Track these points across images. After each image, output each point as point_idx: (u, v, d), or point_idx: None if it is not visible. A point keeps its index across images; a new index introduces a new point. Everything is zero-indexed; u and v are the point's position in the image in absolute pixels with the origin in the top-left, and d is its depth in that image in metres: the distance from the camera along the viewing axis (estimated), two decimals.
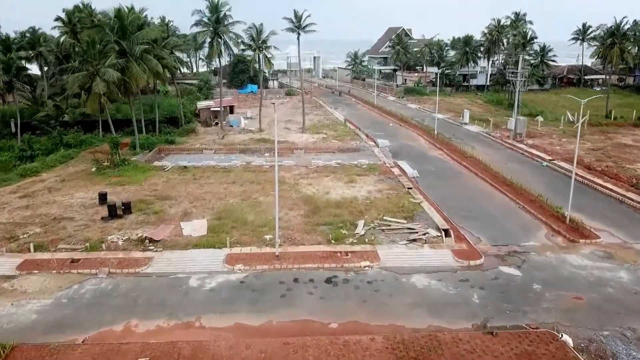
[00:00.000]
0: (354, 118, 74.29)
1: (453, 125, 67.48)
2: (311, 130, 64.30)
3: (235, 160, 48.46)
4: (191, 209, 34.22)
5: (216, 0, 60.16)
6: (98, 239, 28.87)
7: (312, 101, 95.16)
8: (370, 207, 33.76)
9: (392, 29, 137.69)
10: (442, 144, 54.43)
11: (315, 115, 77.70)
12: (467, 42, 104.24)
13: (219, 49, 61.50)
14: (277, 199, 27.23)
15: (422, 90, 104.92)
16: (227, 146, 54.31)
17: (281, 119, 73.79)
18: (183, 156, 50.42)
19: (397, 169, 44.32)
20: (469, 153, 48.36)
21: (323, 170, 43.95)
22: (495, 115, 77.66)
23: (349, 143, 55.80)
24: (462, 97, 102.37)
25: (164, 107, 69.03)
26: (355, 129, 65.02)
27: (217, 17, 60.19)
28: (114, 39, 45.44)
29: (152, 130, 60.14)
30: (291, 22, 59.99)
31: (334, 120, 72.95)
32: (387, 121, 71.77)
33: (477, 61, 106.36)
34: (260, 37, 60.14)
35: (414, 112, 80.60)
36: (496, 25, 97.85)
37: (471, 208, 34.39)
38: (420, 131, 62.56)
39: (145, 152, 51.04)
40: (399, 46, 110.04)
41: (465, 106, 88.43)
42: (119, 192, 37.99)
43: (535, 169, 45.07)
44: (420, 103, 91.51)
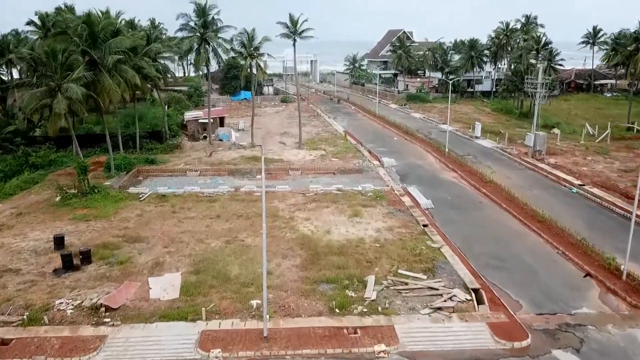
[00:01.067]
0: (354, 130, 68.57)
1: (463, 139, 61.82)
2: (308, 145, 58.52)
3: (223, 185, 42.64)
4: (164, 256, 28.39)
5: (203, 3, 54.47)
6: (42, 304, 23.00)
7: (309, 109, 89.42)
8: (381, 254, 28.02)
9: (392, 32, 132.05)
10: (455, 163, 48.74)
11: (313, 126, 71.92)
12: (472, 46, 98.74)
13: (207, 56, 55.71)
14: (265, 265, 21.38)
15: (425, 97, 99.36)
16: (215, 166, 48.48)
17: (275, 132, 68.05)
18: (164, 180, 44.56)
19: (408, 197, 38.59)
20: (488, 176, 42.63)
21: (322, 199, 38.19)
22: (507, 126, 72.10)
23: (350, 162, 50.06)
24: (467, 104, 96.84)
25: (148, 119, 63.17)
26: (356, 143, 59.29)
27: (205, 22, 54.43)
28: (82, 48, 39.53)
29: (132, 147, 54.30)
30: (286, 27, 54.21)
31: (333, 132, 67.22)
32: (390, 134, 66.03)
33: (482, 66, 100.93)
34: (252, 44, 54.33)
35: (418, 122, 74.91)
36: (504, 28, 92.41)
37: (501, 255, 28.68)
38: (429, 147, 56.85)
39: (121, 175, 45.16)
40: (400, 50, 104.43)
41: (473, 115, 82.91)
42: (82, 231, 32.12)
43: (565, 197, 39.40)
44: (425, 111, 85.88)
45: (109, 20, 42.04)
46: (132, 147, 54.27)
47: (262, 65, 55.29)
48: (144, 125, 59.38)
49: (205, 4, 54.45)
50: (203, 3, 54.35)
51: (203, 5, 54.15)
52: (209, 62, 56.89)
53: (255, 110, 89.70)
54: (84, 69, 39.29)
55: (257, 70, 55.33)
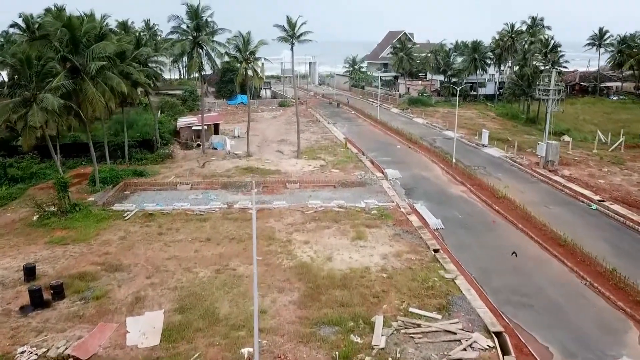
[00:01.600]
0: (355, 137, 65.62)
1: (470, 148, 58.90)
2: (307, 154, 55.54)
3: (215, 200, 39.65)
4: (147, 289, 25.39)
5: (196, 5, 51.52)
6: (2, 354, 20.04)
7: (308, 114, 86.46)
8: (389, 287, 25.06)
9: (393, 33, 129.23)
10: (463, 175, 45.80)
11: (312, 133, 68.95)
12: (475, 48, 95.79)
13: (200, 61, 52.75)
14: (257, 310, 18.42)
15: (427, 100, 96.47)
16: (207, 179, 45.47)
17: (273, 139, 65.08)
18: (152, 194, 41.55)
19: (415, 215, 35.63)
20: (500, 192, 39.67)
21: (322, 218, 35.22)
22: (514, 133, 69.26)
23: (352, 173, 47.10)
24: (470, 108, 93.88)
25: (139, 126, 60.11)
26: (358, 152, 56.34)
27: (197, 25, 51.49)
28: (62, 55, 36.50)
29: (121, 157, 51.27)
30: (283, 30, 51.22)
31: (332, 139, 64.25)
32: (393, 141, 63.06)
33: (486, 69, 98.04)
34: (247, 48, 51.35)
35: (422, 128, 71.98)
36: (509, 30, 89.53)
37: (523, 288, 25.72)
38: (434, 156, 53.88)
39: (107, 189, 42.16)
40: (402, 52, 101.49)
41: (477, 120, 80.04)
42: (58, 257, 29.12)
43: (585, 215, 36.47)
44: (427, 116, 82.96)
45: (92, 24, 39.01)
46: (120, 157, 51.27)
47: (258, 70, 52.28)
48: (134, 134, 56.35)
49: (198, 5, 51.60)
50: (196, 4, 51.53)
51: (196, 7, 51.25)
52: (202, 66, 53.93)
53: (252, 115, 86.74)
54: (65, 77, 36.30)
55: (253, 76, 52.31)
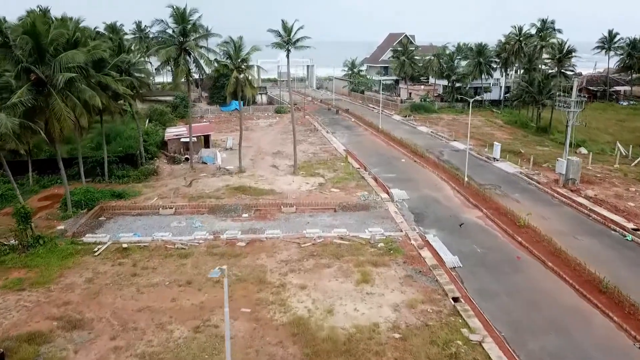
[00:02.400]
0: (356, 149, 61.20)
1: (480, 162, 54.51)
2: (305, 169, 51.08)
3: (200, 229, 35.14)
4: (109, 355, 20.90)
5: (182, 7, 47.03)
6: None
7: (306, 122, 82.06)
8: (404, 354, 20.61)
9: (394, 35, 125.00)
10: (477, 197, 41.36)
11: (310, 144, 64.50)
12: (480, 51, 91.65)
13: (187, 69, 48.26)
14: None
15: (430, 107, 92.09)
16: (194, 201, 40.97)
17: (268, 151, 60.59)
18: (130, 221, 37.04)
19: (428, 249, 31.21)
20: (521, 219, 35.21)
21: (322, 252, 30.75)
22: (525, 143, 64.94)
23: (354, 194, 42.66)
24: (475, 114, 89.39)
25: (122, 139, 55.63)
26: (359, 167, 51.92)
27: (184, 29, 46.99)
28: (24, 65, 31.95)
29: (100, 174, 46.72)
30: (278, 35, 46.75)
31: (332, 152, 59.79)
32: (397, 154, 58.61)
33: (491, 73, 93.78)
34: (239, 55, 46.89)
35: (427, 139, 67.57)
36: (517, 33, 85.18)
37: (565, 353, 21.26)
38: (443, 173, 49.44)
39: (80, 215, 37.66)
40: (404, 56, 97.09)
41: (484, 129, 75.74)
42: (10, 308, 24.60)
43: (620, 248, 32.05)
44: (431, 124, 78.57)
45: (59, 30, 34.37)
46: (100, 175, 46.72)
47: (251, 79, 47.77)
48: (117, 147, 51.80)
49: (184, 8, 47.10)
50: (182, 7, 47.03)
51: (182, 10, 46.75)
52: (189, 75, 49.42)
53: (247, 123, 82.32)
54: (29, 91, 31.79)
55: (246, 85, 47.82)
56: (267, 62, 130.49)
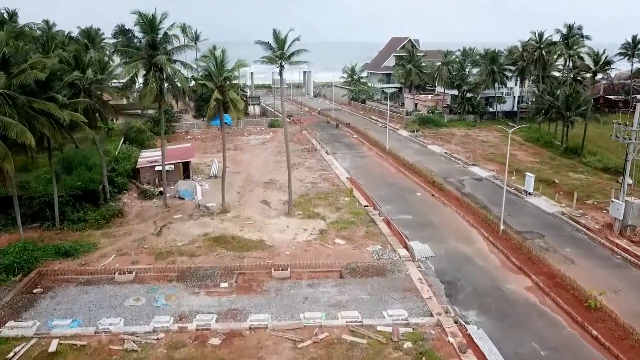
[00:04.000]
0: (361, 176, 52.61)
1: (510, 196, 45.89)
2: (302, 207, 42.43)
3: (164, 308, 26.43)
4: None
5: (151, 14, 38.32)
6: None
7: (302, 138, 73.39)
8: None
9: (396, 40, 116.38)
10: (520, 254, 32.68)
11: (308, 169, 55.80)
12: (493, 58, 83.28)
13: (158, 88, 39.53)
14: None
15: (439, 120, 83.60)
16: (161, 260, 32.29)
17: (258, 179, 51.86)
18: (74, 295, 28.23)
19: (473, 353, 22.56)
20: (592, 301, 26.47)
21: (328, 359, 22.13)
22: (555, 168, 56.47)
23: (364, 248, 34.04)
24: (489, 128, 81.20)
25: (84, 169, 46.71)
26: (367, 203, 43.33)
27: (153, 41, 38.27)
28: None
29: (51, 219, 37.88)
30: (269, 48, 38.06)
31: (333, 180, 51.11)
32: (410, 184, 49.97)
33: (505, 83, 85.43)
34: (221, 72, 38.25)
35: (441, 162, 59.02)
36: (537, 40, 76.71)
37: None
38: (470, 214, 40.79)
39: (10, 284, 28.93)
40: (410, 64, 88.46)
41: (504, 148, 67.08)
42: None
43: None
44: (444, 142, 70.11)
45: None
46: (51, 220, 37.89)
47: (236, 100, 39.00)
48: (74, 181, 42.81)
49: (153, 15, 38.38)
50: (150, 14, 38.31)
51: (150, 17, 38.01)
52: (161, 95, 40.66)
53: (236, 141, 73.58)
54: None
55: (230, 108, 39.12)
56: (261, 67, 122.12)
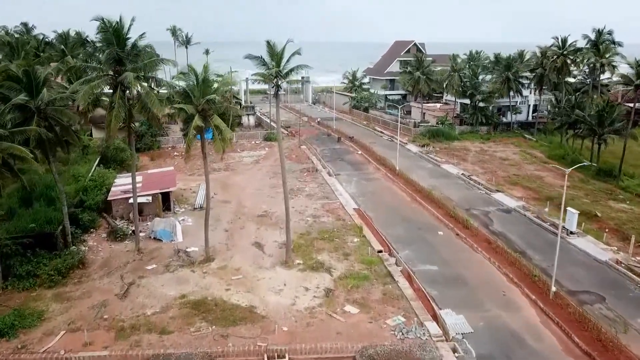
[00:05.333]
0: (371, 207, 45.46)
1: (548, 236, 38.84)
2: (301, 252, 35.22)
3: None
4: None
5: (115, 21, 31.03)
6: None
7: (301, 155, 66.15)
8: None
9: (400, 44, 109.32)
10: (584, 330, 25.54)
11: (308, 196, 48.58)
12: (509, 65, 76.31)
13: (125, 112, 32.22)
14: None
15: (451, 132, 76.46)
16: (123, 340, 25.02)
17: (251, 211, 44.58)
18: None
19: None
20: None
21: None
22: (591, 195, 49.39)
23: (381, 319, 26.82)
24: (505, 142, 74.37)
25: (43, 204, 39.43)
26: (381, 247, 36.14)
27: (117, 55, 30.98)
28: None
29: None
30: (262, 64, 30.75)
31: (338, 212, 43.86)
32: (429, 219, 42.69)
33: (521, 91, 78.42)
34: (202, 92, 30.99)
35: (460, 187, 51.91)
36: (560, 46, 69.69)
37: None
38: (507, 264, 33.41)
39: None
40: (418, 72, 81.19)
41: (527, 167, 60.09)
42: None
43: None
44: (458, 160, 63.03)
45: None
46: None
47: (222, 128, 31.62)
48: (27, 222, 35.45)
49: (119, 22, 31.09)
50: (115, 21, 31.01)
51: (115, 26, 30.71)
52: (129, 119, 33.33)
53: (228, 158, 66.26)
54: None
55: (215, 137, 31.84)
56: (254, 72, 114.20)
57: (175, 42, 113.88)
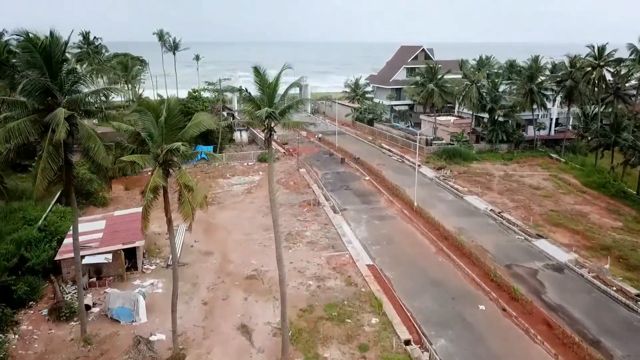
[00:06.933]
0: (388, 260, 36.61)
1: (621, 311, 30.09)
2: (302, 345, 26.36)
3: None
4: None
5: (45, 36, 22.11)
6: None
7: (299, 181, 57.16)
8: None
9: (407, 49, 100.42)
10: None
11: (309, 245, 39.58)
12: (532, 76, 67.70)
13: (57, 165, 23.26)
14: None
15: (469, 153, 67.71)
16: None
17: (238, 268, 35.53)
18: None
19: None
20: None
21: None
22: (635, 226, 40.73)
23: None
24: (530, 163, 65.81)
25: None
26: (410, 333, 27.31)
27: (45, 85, 22.06)
28: None
29: None
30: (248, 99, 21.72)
31: (348, 273, 34.91)
32: (462, 282, 33.76)
33: (546, 105, 69.76)
34: (167, 134, 22.10)
35: (492, 229, 43.08)
36: (596, 56, 61.07)
37: None
38: None
39: None
40: (431, 83, 72.28)
41: (563, 200, 51.23)
42: None
43: None
44: (482, 187, 54.32)
45: None
46: None
47: (191, 187, 22.69)
48: None
49: (49, 36, 22.14)
50: (45, 37, 22.04)
51: (46, 44, 21.76)
52: (66, 174, 24.35)
53: (215, 186, 57.35)
54: None
55: (184, 198, 22.93)
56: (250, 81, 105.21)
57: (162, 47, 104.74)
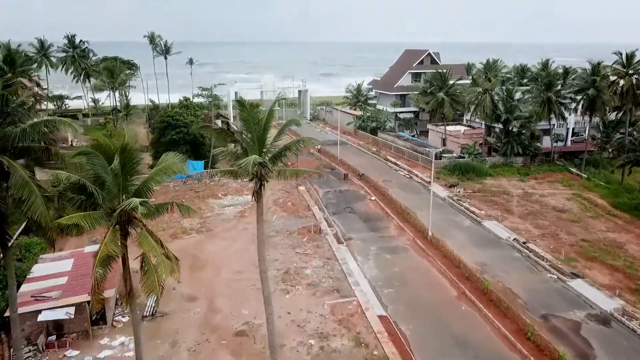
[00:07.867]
0: (403, 310, 31.25)
1: None
2: None
3: None
4: None
5: None
6: None
7: (299, 202, 51.65)
8: None
9: (411, 53, 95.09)
10: None
11: (309, 289, 34.09)
12: (549, 84, 62.47)
13: None
14: None
15: (482, 168, 62.38)
16: None
17: (227, 321, 30.01)
18: None
19: None
20: None
21: None
22: None
23: None
24: (549, 178, 60.71)
25: None
26: None
27: None
28: None
29: None
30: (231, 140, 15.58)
31: (356, 327, 29.47)
32: (492, 340, 28.25)
33: (564, 115, 64.50)
34: (124, 184, 16.63)
35: (517, 263, 37.69)
36: (624, 64, 55.71)
37: None
38: None
39: None
40: (442, 92, 66.82)
41: (591, 224, 45.91)
42: None
43: None
44: (500, 209, 49.06)
45: None
46: None
47: (157, 260, 17.34)
48: None
49: None
50: None
51: None
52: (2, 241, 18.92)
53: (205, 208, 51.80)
54: None
55: (148, 268, 17.49)
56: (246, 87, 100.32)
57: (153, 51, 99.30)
